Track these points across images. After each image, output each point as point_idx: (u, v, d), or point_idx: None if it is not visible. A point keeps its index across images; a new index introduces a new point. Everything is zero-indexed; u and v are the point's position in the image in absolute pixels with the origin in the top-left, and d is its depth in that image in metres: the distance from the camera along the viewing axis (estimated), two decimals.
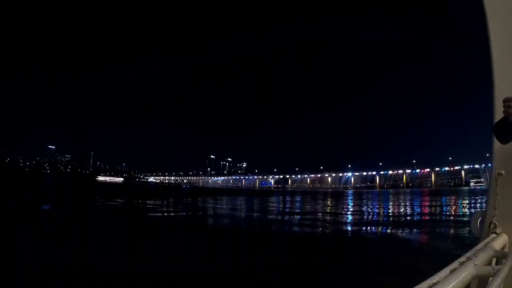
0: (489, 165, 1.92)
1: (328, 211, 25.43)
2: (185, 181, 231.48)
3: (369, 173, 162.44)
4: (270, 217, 21.21)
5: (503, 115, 1.75)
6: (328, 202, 37.40)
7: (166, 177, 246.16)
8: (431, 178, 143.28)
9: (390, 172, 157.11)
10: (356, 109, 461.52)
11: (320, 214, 23.16)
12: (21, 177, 76.15)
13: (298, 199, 45.28)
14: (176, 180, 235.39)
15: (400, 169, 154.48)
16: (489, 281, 1.06)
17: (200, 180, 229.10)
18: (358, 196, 56.11)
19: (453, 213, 23.71)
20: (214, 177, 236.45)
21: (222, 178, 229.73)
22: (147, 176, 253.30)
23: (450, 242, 11.61)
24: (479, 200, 32.98)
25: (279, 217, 21.23)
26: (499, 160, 1.85)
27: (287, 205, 30.79)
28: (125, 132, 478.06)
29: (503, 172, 1.81)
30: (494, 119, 1.84)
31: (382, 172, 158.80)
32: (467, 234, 10.93)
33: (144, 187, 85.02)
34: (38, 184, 50.81)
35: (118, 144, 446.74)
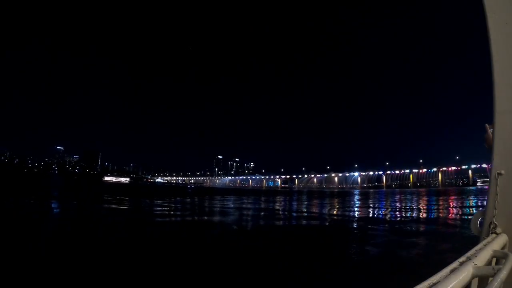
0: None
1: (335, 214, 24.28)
2: (192, 181, 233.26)
3: (376, 172, 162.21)
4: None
5: (503, 114, 1.78)
6: (335, 204, 35.70)
7: (174, 178, 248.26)
8: (438, 177, 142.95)
9: (397, 171, 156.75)
10: (363, 109, 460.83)
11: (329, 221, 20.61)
12: (25, 178, 75.90)
13: (305, 200, 43.68)
14: (184, 181, 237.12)
15: (406, 169, 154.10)
16: (489, 281, 1.06)
17: (207, 180, 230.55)
18: (364, 197, 54.92)
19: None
20: (221, 177, 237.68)
21: (230, 178, 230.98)
22: (154, 176, 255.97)
23: None
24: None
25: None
26: (499, 160, 1.85)
27: (295, 209, 28.76)
28: (134, 133, 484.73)
29: (503, 172, 1.82)
30: (494, 119, 1.85)
31: (388, 172, 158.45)
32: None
33: (149, 188, 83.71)
34: (39, 185, 49.05)
35: (127, 145, 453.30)
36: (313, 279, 7.12)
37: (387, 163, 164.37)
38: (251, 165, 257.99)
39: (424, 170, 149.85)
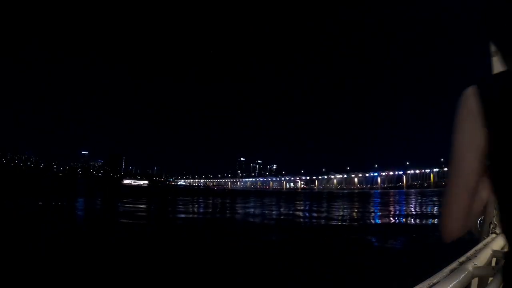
0: None
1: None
2: (214, 183, 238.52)
3: (396, 172, 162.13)
4: None
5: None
6: (354, 208, 32.45)
7: (196, 180, 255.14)
8: None
9: (417, 171, 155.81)
10: (383, 109, 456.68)
11: None
12: (40, 181, 75.19)
13: (322, 203, 39.71)
14: (206, 183, 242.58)
15: (427, 168, 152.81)
16: (489, 281, 1.06)
17: (229, 182, 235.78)
18: (384, 199, 51.05)
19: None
20: (241, 179, 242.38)
21: (250, 179, 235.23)
22: (177, 179, 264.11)
23: None
24: None
25: None
26: None
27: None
28: (158, 137, 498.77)
29: None
30: None
31: (409, 172, 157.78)
32: None
33: (165, 190, 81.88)
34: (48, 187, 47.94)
35: (152, 149, 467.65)
36: None
37: (408, 163, 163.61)
38: (274, 167, 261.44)
39: (445, 169, 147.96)
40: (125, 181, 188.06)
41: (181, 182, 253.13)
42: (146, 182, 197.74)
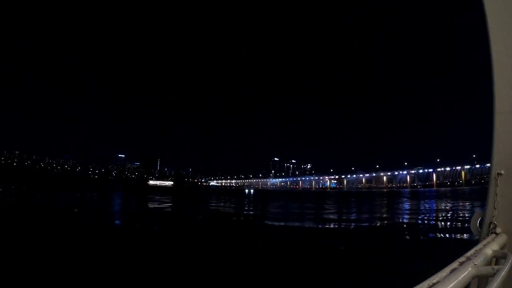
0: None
1: None
2: (246, 183, 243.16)
3: (426, 170, 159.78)
4: None
5: (503, 114, 1.83)
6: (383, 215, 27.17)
7: (228, 181, 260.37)
8: None
9: (448, 168, 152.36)
10: (412, 105, 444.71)
11: None
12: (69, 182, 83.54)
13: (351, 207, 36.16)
14: (237, 183, 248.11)
15: (458, 165, 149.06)
16: (489, 281, 1.06)
17: (259, 182, 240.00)
18: (414, 201, 46.67)
19: None
20: (270, 178, 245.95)
21: (280, 179, 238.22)
22: (210, 180, 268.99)
23: None
24: None
25: None
26: (498, 160, 1.85)
27: None
28: (194, 139, 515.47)
29: (502, 172, 1.82)
30: (494, 118, 1.86)
31: (439, 169, 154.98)
32: None
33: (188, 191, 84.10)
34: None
35: (187, 151, 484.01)
36: None
37: (438, 160, 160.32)
38: (308, 166, 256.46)
39: (477, 165, 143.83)
40: (151, 182, 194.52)
41: (213, 183, 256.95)
42: (171, 183, 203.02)
